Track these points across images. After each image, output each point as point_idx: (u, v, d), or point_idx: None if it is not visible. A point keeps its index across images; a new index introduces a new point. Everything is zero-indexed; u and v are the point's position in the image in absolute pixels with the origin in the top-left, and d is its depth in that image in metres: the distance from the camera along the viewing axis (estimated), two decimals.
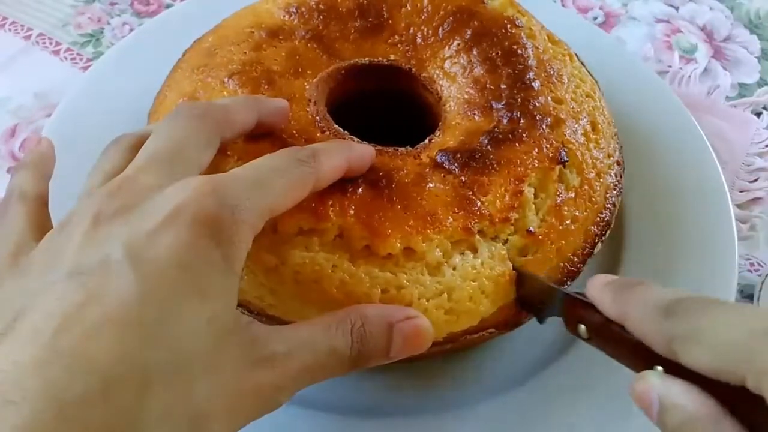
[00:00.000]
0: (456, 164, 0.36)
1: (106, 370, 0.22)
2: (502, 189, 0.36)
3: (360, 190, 0.34)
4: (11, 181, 0.33)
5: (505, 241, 0.35)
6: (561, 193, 0.37)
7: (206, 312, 0.25)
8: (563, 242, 0.36)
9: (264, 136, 0.35)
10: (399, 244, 0.33)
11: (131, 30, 0.61)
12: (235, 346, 0.26)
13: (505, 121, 0.38)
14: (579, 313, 0.31)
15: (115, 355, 0.22)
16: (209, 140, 0.31)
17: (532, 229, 0.36)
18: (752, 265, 0.51)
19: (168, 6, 0.64)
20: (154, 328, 0.23)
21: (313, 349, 0.28)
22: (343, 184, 0.34)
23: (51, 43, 0.61)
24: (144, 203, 0.26)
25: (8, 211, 0.31)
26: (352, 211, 0.33)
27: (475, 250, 0.35)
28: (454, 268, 0.34)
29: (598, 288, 0.30)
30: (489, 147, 0.37)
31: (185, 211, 0.25)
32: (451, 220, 0.34)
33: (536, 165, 0.37)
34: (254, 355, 0.26)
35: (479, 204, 0.35)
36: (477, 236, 0.35)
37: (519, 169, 0.36)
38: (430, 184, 0.35)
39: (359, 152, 0.35)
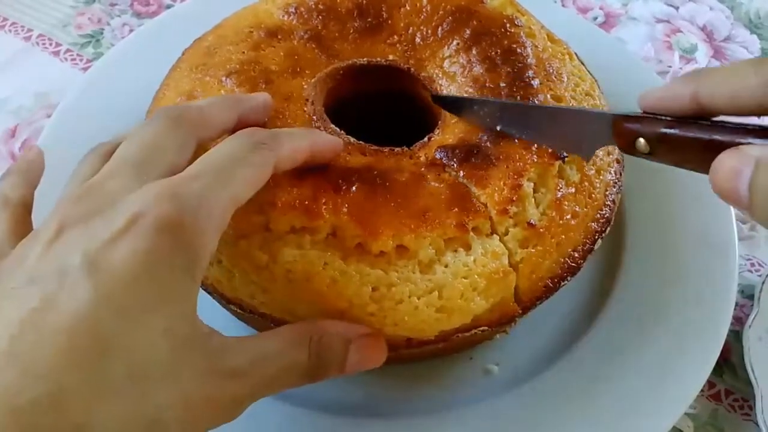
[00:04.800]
0: (455, 160, 0.36)
1: (57, 377, 0.22)
2: (501, 183, 0.36)
3: (354, 188, 0.34)
4: None
5: (505, 234, 0.35)
6: (561, 188, 0.37)
7: (162, 322, 0.25)
8: (563, 237, 0.36)
9: None
10: (391, 242, 0.33)
11: (131, 31, 0.61)
12: (194, 357, 0.26)
13: None
14: (635, 128, 0.31)
15: (67, 362, 0.23)
16: (184, 142, 0.31)
17: (533, 221, 0.35)
18: (753, 265, 0.51)
19: (168, 6, 0.64)
20: (108, 337, 0.23)
21: (272, 362, 0.28)
22: (337, 183, 0.34)
23: (51, 44, 0.61)
24: (107, 210, 0.26)
25: None
26: (345, 209, 0.33)
27: (468, 248, 0.34)
28: (446, 266, 0.34)
29: (661, 89, 0.30)
30: (488, 143, 0.37)
31: (144, 218, 0.25)
32: (445, 217, 0.34)
33: (535, 160, 0.37)
34: (214, 366, 0.26)
35: (474, 201, 0.35)
36: (471, 233, 0.34)
37: (518, 164, 0.36)
38: (425, 183, 0.35)
39: (324, 140, 0.34)
